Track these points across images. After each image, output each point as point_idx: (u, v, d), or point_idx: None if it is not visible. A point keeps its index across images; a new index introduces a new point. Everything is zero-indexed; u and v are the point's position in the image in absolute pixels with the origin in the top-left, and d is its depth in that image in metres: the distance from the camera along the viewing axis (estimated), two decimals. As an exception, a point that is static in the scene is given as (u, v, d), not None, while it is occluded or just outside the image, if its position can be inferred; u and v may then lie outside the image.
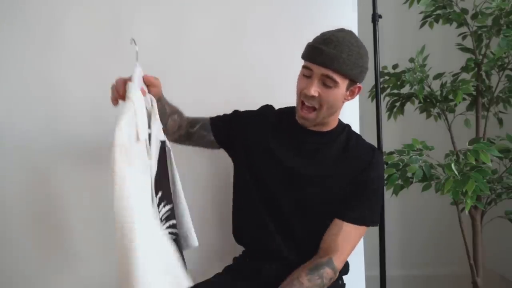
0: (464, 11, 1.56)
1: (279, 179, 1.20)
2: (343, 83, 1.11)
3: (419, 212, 2.20)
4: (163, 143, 1.07)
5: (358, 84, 1.16)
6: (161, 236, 0.96)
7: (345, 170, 1.18)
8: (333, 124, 1.23)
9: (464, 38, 1.65)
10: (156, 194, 1.00)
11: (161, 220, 1.02)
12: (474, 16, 1.55)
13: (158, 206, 1.02)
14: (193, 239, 1.17)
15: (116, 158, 0.88)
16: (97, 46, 1.45)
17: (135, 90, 0.95)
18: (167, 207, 1.06)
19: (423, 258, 2.36)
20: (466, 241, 1.60)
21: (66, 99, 1.51)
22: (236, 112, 1.32)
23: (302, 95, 1.15)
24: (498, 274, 2.20)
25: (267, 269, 1.21)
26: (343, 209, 1.18)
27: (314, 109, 1.14)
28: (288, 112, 1.26)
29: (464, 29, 1.61)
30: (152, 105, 1.04)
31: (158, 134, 1.05)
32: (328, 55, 1.09)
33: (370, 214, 1.20)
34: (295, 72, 1.54)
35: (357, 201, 1.18)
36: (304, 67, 1.15)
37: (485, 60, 1.59)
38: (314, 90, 1.11)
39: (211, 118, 1.30)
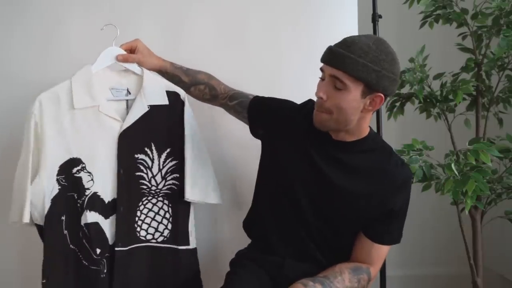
0: (464, 11, 1.56)
1: (307, 179, 1.17)
2: (355, 88, 1.04)
3: (419, 212, 2.20)
4: (160, 107, 1.27)
5: (379, 94, 1.06)
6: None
7: (377, 189, 1.14)
8: (360, 134, 1.16)
9: (464, 38, 1.65)
10: (142, 147, 1.26)
11: (166, 172, 1.28)
12: (474, 16, 1.55)
13: (165, 160, 1.28)
14: (187, 193, 1.29)
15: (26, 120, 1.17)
16: (97, 46, 1.45)
17: (82, 69, 1.23)
18: (174, 162, 1.29)
19: (423, 258, 2.36)
20: (466, 241, 1.60)
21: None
22: (280, 101, 1.29)
23: (316, 101, 1.13)
24: (498, 274, 2.20)
25: (289, 263, 1.20)
26: (373, 229, 1.18)
27: (326, 112, 1.10)
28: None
29: (464, 29, 1.61)
30: (142, 73, 1.27)
31: (149, 99, 1.26)
32: (337, 54, 1.04)
33: (398, 234, 1.21)
34: (295, 72, 1.55)
35: (388, 224, 1.18)
36: (320, 69, 1.11)
37: (485, 60, 1.59)
38: (323, 92, 1.07)
39: (253, 98, 1.31)
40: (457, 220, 1.59)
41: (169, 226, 1.29)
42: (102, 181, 1.23)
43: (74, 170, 1.21)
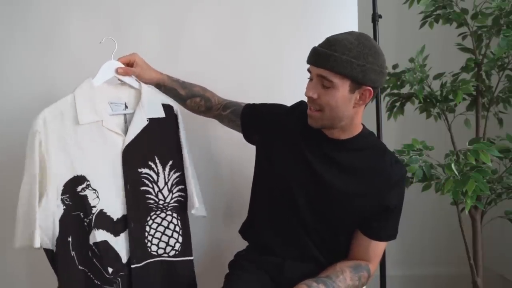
0: (464, 11, 1.56)
1: (303, 180, 1.18)
2: (342, 84, 1.06)
3: (419, 212, 2.20)
4: (158, 120, 1.26)
5: (367, 87, 1.08)
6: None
7: (372, 187, 1.15)
8: (354, 131, 1.17)
9: (464, 38, 1.65)
10: (146, 161, 1.25)
11: (171, 185, 1.28)
12: (474, 16, 1.55)
13: (170, 172, 1.27)
14: (194, 203, 1.29)
15: (29, 139, 1.12)
16: (97, 46, 1.46)
17: (83, 83, 1.19)
18: (177, 174, 1.29)
19: (423, 258, 2.36)
20: (466, 241, 1.60)
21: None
22: (272, 106, 1.31)
23: (307, 100, 1.14)
24: (498, 274, 2.20)
25: (289, 264, 1.21)
26: (369, 227, 1.19)
27: (318, 111, 1.11)
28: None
29: (464, 29, 1.61)
30: (140, 87, 1.26)
31: (148, 113, 1.25)
32: (321, 54, 1.07)
33: (393, 230, 1.22)
34: (294, 72, 1.54)
35: (384, 221, 1.19)
36: (307, 70, 1.13)
37: (485, 60, 1.59)
38: (313, 92, 1.09)
39: (245, 106, 1.32)
40: (457, 220, 1.59)
41: (180, 239, 1.29)
42: (108, 198, 1.20)
43: (79, 188, 1.16)
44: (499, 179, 1.53)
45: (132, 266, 1.21)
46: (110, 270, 1.18)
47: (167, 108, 1.30)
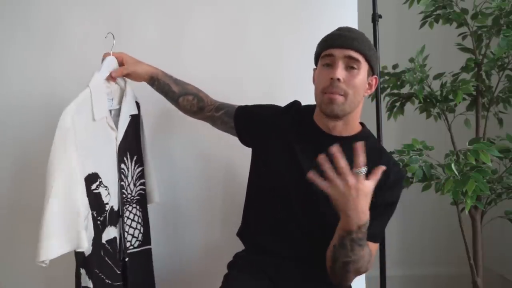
0: (464, 11, 1.56)
1: (299, 180, 1.15)
2: (364, 66, 1.12)
3: (419, 212, 2.21)
4: (135, 116, 1.31)
5: (374, 76, 1.16)
6: (76, 200, 1.04)
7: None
8: (355, 127, 1.18)
9: (464, 38, 1.65)
10: (123, 157, 1.26)
11: (136, 179, 1.33)
12: (474, 16, 1.55)
13: (135, 167, 1.32)
14: (155, 196, 1.41)
15: (55, 137, 1.03)
16: (97, 46, 1.46)
17: (95, 77, 1.16)
18: (140, 168, 1.34)
19: (423, 258, 2.36)
20: (466, 241, 1.60)
21: (67, 98, 1.50)
22: (265, 107, 1.31)
23: (326, 86, 1.12)
24: (498, 274, 2.21)
25: (287, 264, 1.20)
26: None
27: (342, 95, 1.11)
28: (309, 112, 1.23)
29: (464, 29, 1.61)
30: (125, 85, 1.28)
31: (130, 109, 1.28)
32: (346, 36, 1.11)
33: (377, 229, 1.15)
34: (294, 71, 1.55)
35: (375, 220, 1.12)
36: (324, 56, 1.13)
37: (485, 60, 1.59)
38: (340, 73, 1.10)
39: (238, 107, 1.32)
40: (457, 220, 1.59)
41: (142, 230, 1.33)
42: (112, 194, 1.21)
43: (94, 186, 1.13)
44: (499, 179, 1.53)
45: (126, 259, 1.25)
46: (120, 265, 1.22)
47: (137, 105, 1.34)
